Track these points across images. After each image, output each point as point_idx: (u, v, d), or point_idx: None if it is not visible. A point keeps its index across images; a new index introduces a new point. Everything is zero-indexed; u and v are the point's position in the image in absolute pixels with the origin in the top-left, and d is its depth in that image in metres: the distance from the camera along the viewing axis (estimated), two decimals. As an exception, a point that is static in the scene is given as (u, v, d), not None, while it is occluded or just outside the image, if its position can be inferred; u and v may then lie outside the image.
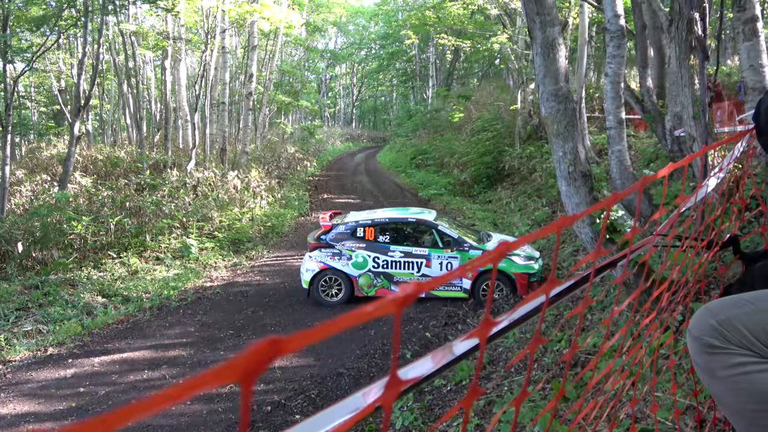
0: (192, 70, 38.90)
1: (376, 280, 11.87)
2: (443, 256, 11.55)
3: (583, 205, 6.55)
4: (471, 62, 46.40)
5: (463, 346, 1.05)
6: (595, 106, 22.01)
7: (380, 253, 11.85)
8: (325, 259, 11.96)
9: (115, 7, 20.92)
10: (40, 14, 21.18)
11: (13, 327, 11.11)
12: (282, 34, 34.34)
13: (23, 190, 21.81)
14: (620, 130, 8.65)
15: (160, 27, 27.70)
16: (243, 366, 0.41)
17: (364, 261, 11.87)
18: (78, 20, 19.26)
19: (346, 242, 12.01)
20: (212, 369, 0.42)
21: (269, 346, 0.41)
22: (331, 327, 0.47)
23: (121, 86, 30.09)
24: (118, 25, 24.81)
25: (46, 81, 33.61)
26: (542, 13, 6.50)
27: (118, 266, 14.93)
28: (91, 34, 20.83)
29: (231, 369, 0.42)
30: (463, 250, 11.50)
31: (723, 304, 1.72)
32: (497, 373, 7.75)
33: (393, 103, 69.41)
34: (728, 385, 1.65)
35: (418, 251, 11.71)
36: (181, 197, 19.58)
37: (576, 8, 19.48)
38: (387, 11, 50.27)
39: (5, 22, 17.65)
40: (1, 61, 18.09)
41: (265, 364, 0.41)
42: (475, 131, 26.23)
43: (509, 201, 19.36)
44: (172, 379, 8.55)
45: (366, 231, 12.03)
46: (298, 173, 30.10)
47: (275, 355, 0.42)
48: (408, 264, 11.72)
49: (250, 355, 0.41)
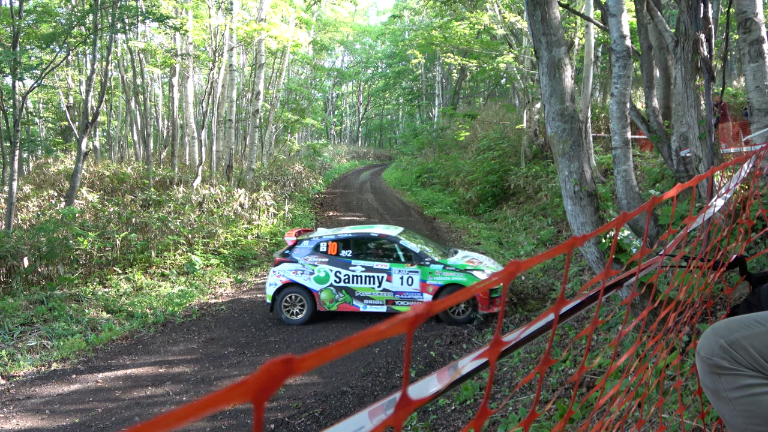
0: (199, 88, 39.14)
1: (338, 294, 11.85)
2: (404, 271, 11.48)
3: (589, 224, 6.54)
4: (477, 81, 46.58)
5: (470, 366, 1.05)
6: (600, 126, 22.04)
7: (342, 267, 11.85)
8: (288, 274, 12.04)
9: (124, 25, 21.08)
10: (49, 31, 21.37)
11: (18, 342, 11.12)
12: (289, 53, 34.55)
13: (30, 206, 21.88)
14: (626, 150, 8.65)
15: (168, 45, 27.88)
16: (256, 385, 0.41)
17: (326, 276, 11.88)
18: (87, 37, 19.40)
19: (309, 257, 12.08)
20: (226, 388, 0.42)
21: (282, 365, 0.41)
22: (345, 346, 0.47)
23: (128, 103, 30.24)
24: (127, 42, 25.01)
25: (54, 97, 33.83)
26: (548, 33, 6.53)
27: (123, 282, 14.95)
28: (99, 51, 20.99)
29: (244, 388, 0.42)
30: (424, 265, 11.41)
31: (731, 325, 1.71)
32: (502, 392, 7.71)
33: (399, 122, 69.57)
34: (736, 406, 1.64)
35: (379, 266, 11.67)
36: (186, 214, 19.62)
37: (582, 29, 19.56)
38: (394, 30, 50.55)
39: (15, 39, 17.80)
40: (10, 78, 18.22)
41: (279, 383, 0.42)
42: (481, 150, 26.26)
43: (514, 220, 19.35)
44: (176, 396, 8.52)
45: (329, 246, 12.08)
46: (305, 190, 30.14)
47: (288, 374, 0.42)
48: (369, 278, 11.67)
49: (263, 374, 0.41)
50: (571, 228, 6.99)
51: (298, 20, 31.58)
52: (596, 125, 22.09)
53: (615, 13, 8.49)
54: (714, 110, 7.20)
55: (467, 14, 23.91)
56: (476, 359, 0.91)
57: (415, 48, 32.12)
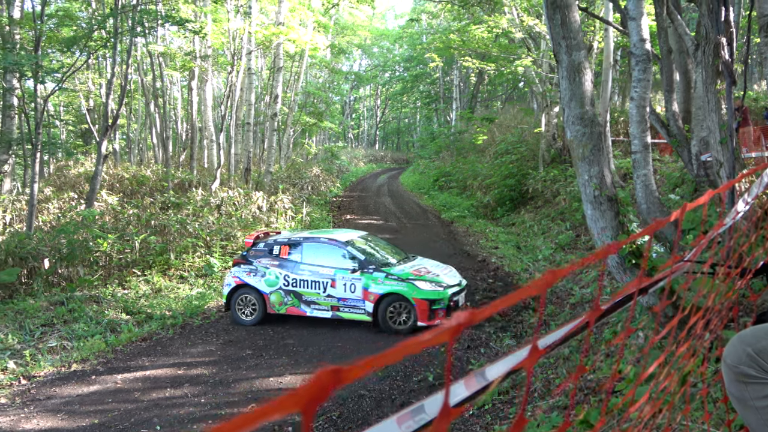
0: (218, 91, 39.34)
1: (287, 298, 11.89)
2: (347, 278, 11.42)
3: (609, 229, 6.51)
4: (495, 85, 46.49)
5: (495, 372, 1.05)
6: (619, 130, 21.93)
7: (290, 271, 11.90)
8: (242, 275, 12.19)
9: (144, 29, 21.24)
10: (70, 35, 21.56)
11: (39, 343, 11.23)
12: (307, 56, 34.68)
13: (51, 208, 22.08)
14: (646, 155, 8.59)
15: (187, 48, 28.06)
16: (306, 395, 0.41)
17: (276, 278, 11.96)
18: (107, 41, 19.57)
19: (263, 259, 12.18)
20: (276, 399, 0.43)
21: (331, 375, 0.41)
22: (390, 356, 0.47)
23: (148, 106, 30.46)
24: (147, 46, 25.19)
25: (75, 100, 34.16)
26: (568, 37, 6.51)
27: (142, 284, 15.06)
28: (120, 55, 21.17)
29: (294, 399, 0.43)
30: (367, 272, 11.33)
31: (758, 333, 1.69)
32: (519, 397, 7.68)
33: (416, 125, 69.61)
34: (763, 415, 1.63)
35: (324, 271, 11.65)
36: (205, 216, 19.72)
37: (601, 32, 19.48)
38: (411, 34, 50.56)
39: (37, 43, 17.98)
40: (32, 81, 18.42)
41: (328, 393, 0.42)
42: (499, 154, 26.20)
43: (532, 224, 19.27)
44: (194, 398, 8.55)
45: (281, 249, 12.15)
46: (322, 194, 30.20)
47: (337, 384, 0.42)
48: (315, 284, 11.66)
49: (313, 384, 0.41)
50: (590, 232, 6.96)
51: (316, 24, 31.66)
52: (615, 129, 21.98)
53: (635, 17, 8.44)
54: (735, 114, 7.13)
55: (485, 18, 23.86)
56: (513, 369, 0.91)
57: (433, 51, 32.11)
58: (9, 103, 19.34)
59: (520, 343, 9.91)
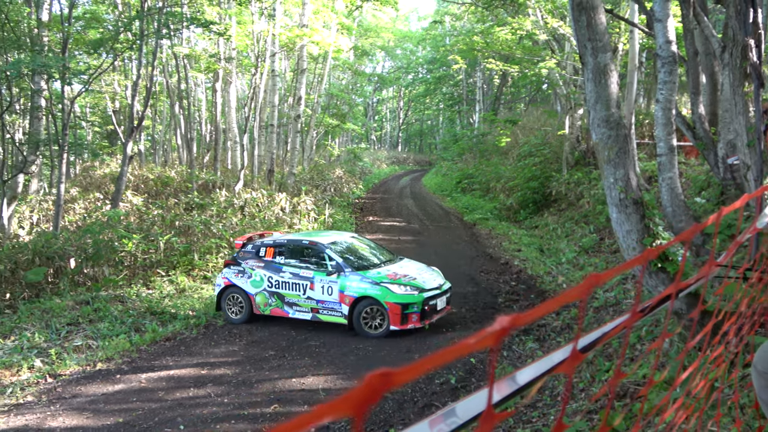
0: (242, 93, 39.58)
1: (271, 299, 12.05)
2: (325, 280, 11.49)
3: (635, 232, 6.45)
4: (518, 87, 46.28)
5: (527, 376, 1.04)
6: (644, 133, 21.73)
7: (274, 273, 12.05)
8: (231, 276, 12.44)
9: (169, 31, 21.42)
10: (97, 37, 21.81)
11: (64, 341, 11.35)
12: (330, 58, 34.75)
13: (77, 208, 22.37)
14: (671, 157, 8.51)
15: (211, 50, 28.27)
16: (356, 399, 0.42)
17: (261, 280, 12.13)
18: (133, 43, 19.77)
19: (250, 261, 12.37)
20: (327, 403, 0.43)
21: (381, 379, 0.42)
22: (437, 359, 0.47)
23: (172, 107, 30.73)
24: (172, 48, 25.41)
25: (101, 102, 34.51)
26: (594, 39, 6.47)
27: (166, 284, 15.18)
28: (145, 57, 21.36)
29: (345, 402, 0.43)
30: (343, 275, 11.38)
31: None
32: (543, 401, 7.63)
33: (439, 127, 69.52)
34: (795, 421, 1.60)
35: (304, 273, 11.76)
36: (228, 217, 19.85)
37: (626, 34, 19.32)
38: (435, 36, 50.50)
39: (64, 45, 18.22)
40: (59, 83, 18.65)
41: (378, 397, 0.42)
42: (522, 156, 26.09)
43: (556, 227, 19.15)
44: (217, 398, 8.60)
45: (266, 251, 12.32)
46: (345, 195, 30.25)
47: (386, 387, 0.42)
48: (296, 285, 11.79)
49: (363, 388, 0.42)
50: (615, 236, 6.91)
51: (339, 26, 31.75)
52: (640, 132, 21.78)
53: (661, 18, 8.37)
54: (763, 117, 7.04)
55: (509, 19, 23.78)
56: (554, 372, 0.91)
57: (456, 53, 32.04)
58: (37, 104, 19.60)
59: (542, 346, 9.86)
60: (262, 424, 7.70)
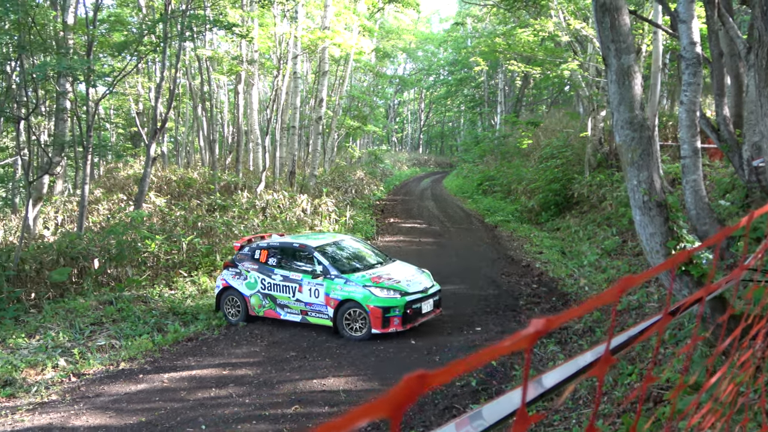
0: (264, 95, 39.77)
1: (264, 301, 12.22)
2: (312, 283, 11.63)
3: (658, 235, 6.40)
4: (540, 89, 46.12)
5: (553, 379, 1.04)
6: (668, 134, 21.53)
7: (266, 275, 12.23)
8: (229, 278, 12.66)
9: (193, 34, 21.58)
10: (121, 40, 22.02)
11: (88, 341, 11.48)
12: (352, 60, 34.84)
13: (101, 209, 22.59)
14: (695, 160, 8.43)
15: (234, 52, 28.43)
16: (393, 401, 0.42)
17: (255, 282, 12.32)
18: (157, 46, 19.93)
19: (246, 263, 12.55)
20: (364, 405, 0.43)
21: (417, 381, 0.42)
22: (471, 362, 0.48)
23: (195, 109, 30.94)
24: (195, 50, 25.59)
25: (124, 104, 34.82)
26: (617, 40, 6.43)
27: (188, 285, 15.28)
28: (168, 59, 21.54)
29: (382, 404, 0.43)
30: (329, 278, 11.48)
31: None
32: (564, 404, 7.58)
33: (460, 129, 69.43)
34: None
35: (293, 276, 11.93)
36: (250, 219, 19.95)
37: (649, 35, 19.17)
38: (456, 38, 50.42)
39: (89, 48, 18.41)
40: (84, 85, 18.86)
41: (413, 398, 0.42)
42: (544, 158, 25.95)
43: (578, 229, 19.03)
44: (239, 398, 8.65)
45: (261, 253, 12.49)
46: (366, 197, 30.27)
47: (422, 389, 0.43)
48: (286, 288, 11.96)
49: (400, 390, 0.42)
50: (638, 238, 6.85)
51: (361, 28, 31.80)
52: (663, 133, 21.58)
53: (685, 20, 8.30)
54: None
55: (531, 21, 23.67)
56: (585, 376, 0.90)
57: (478, 55, 32.00)
58: (62, 106, 19.82)
59: (564, 349, 9.80)
60: (283, 424, 7.73)
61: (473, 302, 12.97)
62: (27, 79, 18.53)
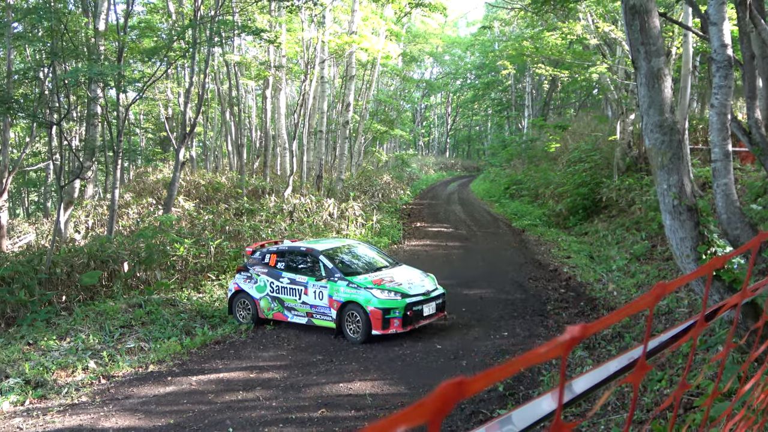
0: (291, 99, 39.97)
1: (273, 304, 12.37)
2: (316, 285, 11.76)
3: (689, 239, 6.32)
4: (568, 92, 45.81)
5: (584, 385, 1.03)
6: (698, 138, 21.28)
7: (275, 278, 12.38)
8: (240, 282, 12.83)
9: (221, 39, 21.77)
10: (151, 46, 22.28)
11: (117, 344, 11.61)
12: (379, 64, 34.90)
13: (130, 213, 22.85)
14: (727, 163, 8.31)
15: (262, 57, 28.62)
16: (432, 407, 0.42)
17: (264, 285, 12.48)
18: (186, 51, 20.14)
19: (256, 267, 12.73)
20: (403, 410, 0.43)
21: (455, 387, 0.42)
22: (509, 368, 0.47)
23: (223, 114, 31.21)
24: (223, 55, 25.79)
25: (154, 109, 35.23)
26: (647, 42, 6.37)
27: (216, 288, 15.39)
28: (197, 65, 21.74)
29: (421, 409, 0.43)
30: (333, 281, 11.58)
31: None
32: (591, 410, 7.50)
33: (487, 133, 69.13)
34: None
35: (300, 279, 12.06)
36: (277, 222, 20.05)
37: (679, 38, 18.97)
38: (483, 41, 50.32)
39: (120, 54, 18.64)
40: (114, 90, 19.09)
41: (452, 405, 0.42)
42: (572, 162, 25.78)
43: (606, 233, 18.85)
44: (266, 401, 8.68)
45: (270, 257, 12.65)
46: (392, 201, 30.26)
47: (461, 396, 0.42)
48: (293, 291, 12.09)
49: (438, 396, 0.42)
50: (668, 243, 6.77)
51: (388, 32, 31.88)
52: (694, 137, 21.33)
53: (716, 22, 8.19)
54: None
55: (559, 24, 23.54)
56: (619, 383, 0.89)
57: (505, 59, 31.87)
58: (93, 111, 20.09)
59: (592, 354, 9.71)
60: (309, 428, 7.74)
61: (500, 306, 12.90)
62: (59, 85, 18.84)
